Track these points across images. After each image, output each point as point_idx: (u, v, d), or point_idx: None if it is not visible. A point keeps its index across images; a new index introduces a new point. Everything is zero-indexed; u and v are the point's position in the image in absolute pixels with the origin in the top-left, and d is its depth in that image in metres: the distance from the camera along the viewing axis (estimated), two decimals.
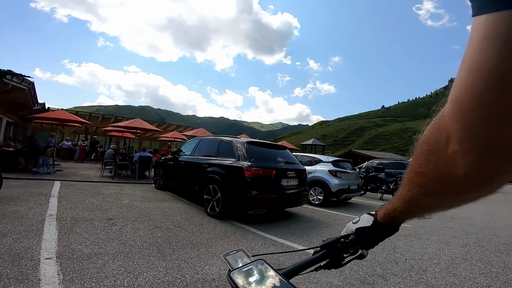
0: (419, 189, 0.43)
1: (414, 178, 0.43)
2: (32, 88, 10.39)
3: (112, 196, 6.27)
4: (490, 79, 0.26)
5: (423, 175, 0.40)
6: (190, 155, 6.70)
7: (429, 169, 0.38)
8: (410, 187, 0.45)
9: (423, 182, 0.41)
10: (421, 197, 0.43)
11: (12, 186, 6.24)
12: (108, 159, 9.59)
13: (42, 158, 8.73)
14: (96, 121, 17.99)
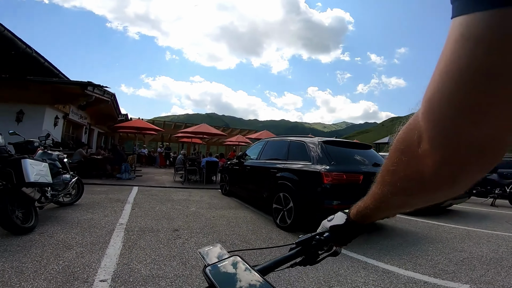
0: (390, 187, 0.44)
1: (386, 177, 0.44)
2: (114, 99, 11.61)
3: (180, 203, 6.18)
4: (460, 78, 0.26)
5: (394, 174, 0.41)
6: (256, 159, 6.16)
7: (400, 168, 0.39)
8: (381, 185, 0.46)
9: (393, 180, 0.42)
10: (390, 195, 0.44)
11: (97, 192, 6.76)
12: (179, 164, 9.90)
13: (124, 165, 9.51)
14: (169, 128, 19.54)
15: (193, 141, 15.49)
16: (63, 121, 9.63)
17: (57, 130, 9.25)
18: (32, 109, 8.10)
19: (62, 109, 9.23)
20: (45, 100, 8.20)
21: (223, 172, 8.17)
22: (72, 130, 11.40)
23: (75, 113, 10.52)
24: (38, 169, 3.13)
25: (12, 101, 8.03)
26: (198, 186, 9.21)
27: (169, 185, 8.85)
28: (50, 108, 8.45)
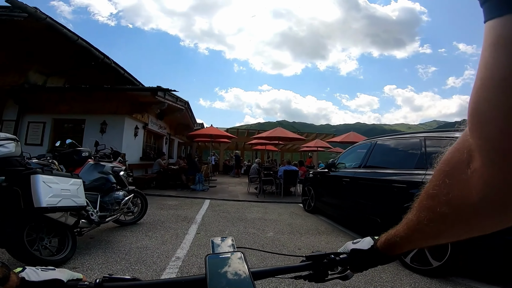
0: (427, 213, 0.40)
1: (424, 201, 0.41)
2: (188, 107, 11.47)
3: (255, 224, 4.89)
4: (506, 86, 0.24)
5: (434, 198, 0.37)
6: (357, 168, 4.37)
7: (442, 192, 0.36)
8: (418, 210, 0.42)
9: (432, 205, 0.38)
10: (426, 222, 0.40)
11: (167, 207, 6.10)
12: (254, 174, 8.79)
13: (198, 175, 8.96)
14: (242, 136, 19.14)
15: (267, 148, 14.40)
16: (143, 131, 9.79)
17: (138, 140, 9.39)
18: (113, 120, 8.27)
19: (141, 118, 9.34)
20: (124, 109, 8.29)
21: (306, 184, 6.58)
22: (153, 141, 11.75)
23: (154, 122, 10.70)
24: (59, 189, 2.23)
25: (97, 113, 8.37)
26: (274, 199, 7.85)
27: (243, 198, 7.76)
28: (129, 118, 8.53)
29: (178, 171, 9.42)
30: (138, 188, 8.48)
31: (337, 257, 0.63)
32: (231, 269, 0.52)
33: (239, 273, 0.51)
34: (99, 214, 3.16)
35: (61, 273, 0.52)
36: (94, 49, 8.34)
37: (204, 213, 5.63)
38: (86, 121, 8.48)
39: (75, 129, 8.89)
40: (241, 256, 0.55)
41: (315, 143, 13.55)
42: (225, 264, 0.53)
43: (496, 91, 0.25)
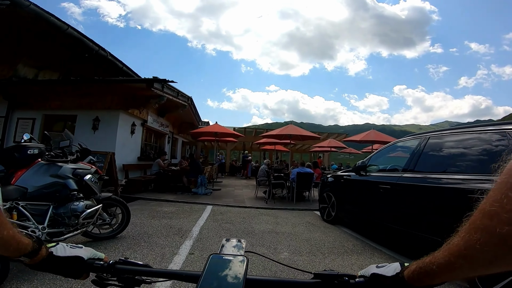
0: (481, 235, 0.33)
1: (479, 221, 0.33)
2: (192, 104, 10.60)
3: (264, 239, 3.95)
4: None
5: (493, 216, 0.31)
6: (401, 172, 3.37)
7: (504, 208, 0.30)
8: (468, 232, 0.35)
9: (490, 225, 0.31)
10: (479, 246, 0.33)
11: (161, 214, 5.20)
12: (262, 177, 7.82)
13: (200, 177, 8.06)
14: (250, 135, 18.17)
15: (276, 148, 13.40)
16: (141, 128, 8.96)
17: (135, 139, 8.56)
18: (106, 115, 7.46)
19: (139, 115, 8.51)
20: (118, 104, 7.46)
21: (324, 189, 5.58)
22: (154, 139, 10.93)
23: (154, 120, 9.87)
24: None
25: (89, 108, 7.58)
26: (286, 205, 6.86)
27: (250, 204, 6.80)
28: (125, 113, 7.70)
29: (179, 172, 8.54)
30: (134, 191, 7.77)
31: (351, 279, 0.56)
32: (228, 272, 0.52)
33: (234, 277, 0.50)
34: (47, 231, 2.27)
35: (85, 251, 0.60)
36: (88, 39, 7.56)
37: (203, 224, 4.70)
38: (78, 117, 7.70)
39: (66, 126, 8.14)
40: (243, 261, 0.55)
41: (329, 142, 12.47)
42: (225, 265, 0.53)
43: None
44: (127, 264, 0.58)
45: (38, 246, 0.53)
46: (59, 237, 2.49)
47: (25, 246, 0.50)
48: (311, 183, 7.07)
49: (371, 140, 8.68)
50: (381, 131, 11.38)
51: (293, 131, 8.00)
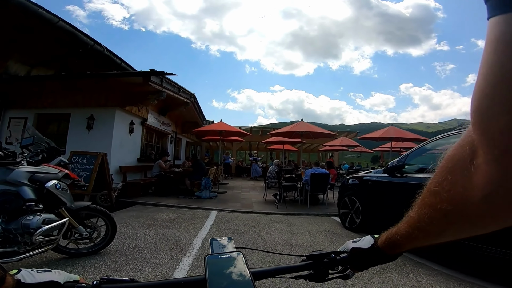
0: (428, 210, 0.39)
1: (426, 198, 0.40)
2: (195, 101, 9.97)
3: (279, 255, 3.22)
4: (508, 82, 0.25)
5: (436, 195, 0.37)
6: None
7: (444, 188, 0.35)
8: (420, 208, 0.41)
9: (434, 202, 0.37)
10: (427, 219, 0.39)
11: (158, 223, 4.55)
12: (272, 178, 7.11)
13: (204, 180, 7.39)
14: (256, 135, 17.46)
15: (285, 147, 12.67)
16: (141, 127, 8.36)
17: (134, 138, 7.95)
18: (102, 113, 6.87)
19: (138, 113, 7.90)
20: (114, 101, 6.87)
21: (345, 192, 4.86)
22: (156, 139, 10.33)
23: (155, 118, 9.27)
24: None
25: (84, 106, 7.01)
26: (299, 210, 6.16)
27: (259, 209, 6.12)
28: (121, 111, 7.10)
29: (181, 174, 7.90)
30: (132, 195, 7.08)
31: (337, 256, 0.62)
32: (231, 270, 0.51)
33: (239, 273, 0.50)
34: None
35: (57, 275, 0.51)
36: (81, 33, 6.96)
37: (206, 235, 4.03)
38: (71, 116, 7.13)
39: (59, 125, 7.59)
40: (241, 256, 0.55)
41: (341, 141, 11.67)
42: (225, 264, 0.53)
43: (498, 87, 0.25)
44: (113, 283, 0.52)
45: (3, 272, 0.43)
46: (13, 257, 1.87)
47: None
48: (327, 185, 6.34)
49: (389, 137, 7.90)
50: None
51: (304, 128, 7.27)
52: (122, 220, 4.64)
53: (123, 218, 4.78)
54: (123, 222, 4.52)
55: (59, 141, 7.47)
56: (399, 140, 8.78)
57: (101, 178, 5.01)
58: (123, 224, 4.40)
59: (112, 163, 6.61)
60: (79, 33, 6.90)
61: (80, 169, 4.81)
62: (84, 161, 4.84)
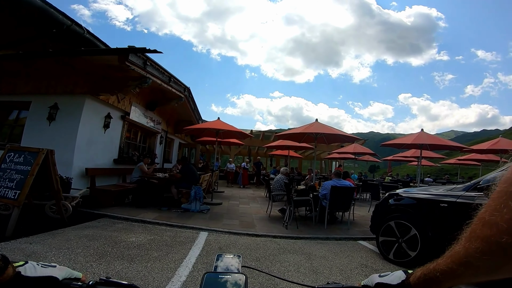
0: (481, 244, 0.33)
1: (479, 230, 0.34)
2: (189, 96, 8.61)
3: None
4: None
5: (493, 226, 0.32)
6: None
7: (504, 218, 0.30)
8: (469, 241, 0.35)
9: (490, 234, 0.32)
10: (479, 255, 0.33)
11: (119, 251, 3.10)
12: (279, 190, 5.67)
13: (195, 188, 5.95)
14: (257, 139, 16.08)
15: (290, 153, 11.26)
16: (121, 122, 6.96)
17: (111, 135, 6.54)
18: (68, 102, 5.48)
19: (117, 104, 6.52)
20: (83, 87, 5.48)
21: (389, 214, 3.48)
22: (142, 138, 8.91)
23: (141, 113, 7.86)
24: None
25: (47, 92, 5.61)
26: (315, 232, 4.74)
27: (263, 230, 4.70)
28: (93, 100, 5.71)
29: (167, 181, 6.47)
30: (104, 205, 5.27)
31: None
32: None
33: None
34: None
35: (59, 271, 0.52)
36: (56, 11, 5.62)
37: (187, 277, 2.61)
38: (32, 104, 5.74)
39: (18, 116, 6.18)
40: (243, 279, 0.51)
41: (354, 148, 10.30)
42: (222, 285, 0.50)
43: None
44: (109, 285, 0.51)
45: (4, 264, 0.46)
46: None
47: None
48: (351, 200, 4.94)
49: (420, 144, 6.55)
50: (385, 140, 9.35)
51: (320, 129, 5.85)
52: (66, 243, 3.23)
53: (69, 240, 3.36)
54: (65, 247, 3.10)
55: (14, 135, 6.06)
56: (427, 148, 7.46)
57: (44, 182, 3.59)
58: (62, 251, 2.99)
59: (75, 163, 5.20)
60: (52, 10, 5.54)
61: (14, 170, 3.38)
62: (20, 160, 3.42)
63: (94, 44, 6.44)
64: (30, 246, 3.10)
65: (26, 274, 0.48)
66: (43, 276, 0.49)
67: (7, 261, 0.46)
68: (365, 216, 6.29)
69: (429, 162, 15.07)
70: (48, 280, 0.50)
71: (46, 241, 3.28)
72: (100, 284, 0.51)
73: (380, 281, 0.54)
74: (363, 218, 6.04)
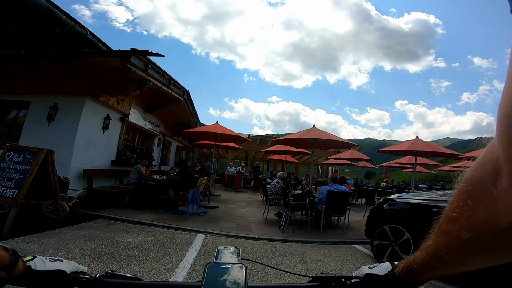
0: (446, 238, 0.36)
1: (444, 225, 0.37)
2: (188, 99, 8.67)
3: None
4: None
5: (455, 221, 0.34)
6: None
7: (463, 215, 0.32)
8: (437, 235, 0.38)
9: (452, 229, 0.34)
10: (444, 248, 0.36)
11: (116, 251, 3.12)
12: (275, 195, 5.73)
13: (192, 191, 5.98)
14: (254, 144, 16.14)
15: (287, 159, 11.34)
16: (120, 124, 6.99)
17: (110, 137, 6.56)
18: (67, 103, 5.52)
19: (117, 106, 6.56)
20: (84, 88, 5.53)
21: (383, 219, 3.56)
22: (140, 141, 8.93)
23: (140, 116, 7.90)
24: None
25: (47, 93, 5.65)
26: (311, 236, 4.79)
27: (260, 233, 4.73)
28: (93, 101, 5.75)
29: (164, 183, 6.49)
30: (101, 206, 5.13)
31: (348, 281, 0.58)
32: (229, 281, 0.51)
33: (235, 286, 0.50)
34: None
35: (66, 265, 0.54)
36: (60, 11, 5.68)
37: (185, 278, 2.64)
38: (32, 104, 5.77)
39: (18, 115, 6.19)
40: (243, 269, 0.54)
41: (350, 154, 10.40)
42: (224, 274, 0.52)
43: None
44: (115, 278, 0.54)
45: (15, 259, 0.47)
46: None
47: (1, 259, 0.45)
48: (347, 205, 5.00)
49: (414, 150, 6.66)
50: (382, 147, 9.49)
51: (318, 135, 5.93)
52: (63, 243, 3.24)
53: (66, 240, 3.37)
54: (62, 247, 3.12)
55: (12, 134, 6.06)
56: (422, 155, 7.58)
57: (44, 182, 3.61)
58: (59, 250, 3.01)
59: (73, 164, 5.22)
60: (56, 10, 5.59)
61: (13, 169, 3.40)
62: (19, 159, 3.44)
63: (96, 45, 6.51)
64: (27, 245, 3.11)
65: (36, 268, 0.50)
66: (52, 270, 0.51)
67: (17, 255, 0.48)
68: (360, 221, 6.36)
69: (424, 169, 15.24)
70: (57, 273, 0.52)
71: (42, 240, 3.30)
72: (106, 277, 0.53)
73: (369, 272, 0.57)
74: (358, 223, 6.10)
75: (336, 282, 0.57)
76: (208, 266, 0.52)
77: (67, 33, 5.90)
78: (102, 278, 0.52)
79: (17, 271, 0.47)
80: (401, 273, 0.49)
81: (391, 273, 0.52)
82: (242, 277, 0.51)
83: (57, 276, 0.52)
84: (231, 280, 0.51)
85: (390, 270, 0.52)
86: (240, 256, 0.64)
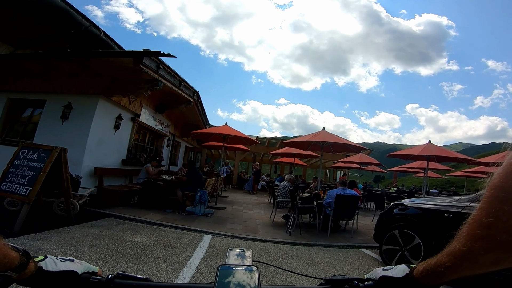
0: (483, 243, 0.37)
1: (477, 230, 0.38)
2: (198, 100, 8.74)
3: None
4: None
5: (491, 227, 0.36)
6: None
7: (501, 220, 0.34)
8: (469, 241, 0.39)
9: (490, 234, 0.36)
10: (483, 252, 0.37)
11: (124, 250, 3.15)
12: (283, 197, 5.70)
13: (200, 192, 6.01)
14: (262, 146, 16.12)
15: (296, 161, 11.27)
16: (131, 124, 7.10)
17: (121, 136, 6.67)
18: (81, 102, 5.64)
19: (129, 106, 6.67)
20: (96, 88, 5.64)
21: (393, 223, 3.49)
22: (150, 141, 9.05)
23: (150, 116, 8.02)
24: None
25: (62, 92, 5.79)
26: (318, 239, 4.73)
27: (267, 235, 4.71)
28: (106, 101, 5.86)
29: (172, 183, 6.54)
30: (109, 204, 5.20)
31: (361, 283, 0.57)
32: (241, 283, 0.51)
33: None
34: None
35: (78, 265, 0.53)
36: (75, 11, 5.84)
37: (191, 279, 2.64)
38: (47, 102, 5.92)
39: (33, 114, 6.37)
40: (255, 271, 0.53)
41: (360, 157, 10.26)
42: (236, 276, 0.52)
43: None
44: (126, 279, 0.54)
45: (26, 260, 0.46)
46: None
47: (12, 259, 0.44)
48: (355, 209, 4.93)
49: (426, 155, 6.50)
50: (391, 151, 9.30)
51: (327, 138, 5.87)
52: (72, 241, 3.29)
53: (75, 238, 3.42)
54: (71, 245, 3.17)
55: (27, 132, 6.24)
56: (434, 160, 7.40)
57: (56, 179, 3.69)
58: (69, 248, 3.06)
59: (85, 162, 5.32)
60: (73, 11, 5.75)
61: (27, 167, 3.49)
62: (34, 156, 3.54)
63: (110, 46, 6.66)
64: (37, 242, 3.17)
65: (48, 268, 0.49)
66: (64, 270, 0.51)
67: (28, 256, 0.47)
68: (368, 225, 6.25)
69: (435, 174, 14.89)
70: (68, 274, 0.51)
71: (52, 238, 3.36)
72: (118, 278, 0.53)
73: (384, 275, 0.56)
74: (366, 227, 6.00)
75: (349, 285, 0.57)
76: (221, 268, 0.52)
77: (82, 33, 6.05)
78: (114, 279, 0.52)
79: (28, 272, 0.47)
80: (420, 276, 0.49)
81: (409, 275, 0.51)
82: (255, 279, 0.51)
83: (69, 277, 0.51)
84: (244, 282, 0.50)
85: (408, 273, 0.52)
86: (252, 258, 0.64)
